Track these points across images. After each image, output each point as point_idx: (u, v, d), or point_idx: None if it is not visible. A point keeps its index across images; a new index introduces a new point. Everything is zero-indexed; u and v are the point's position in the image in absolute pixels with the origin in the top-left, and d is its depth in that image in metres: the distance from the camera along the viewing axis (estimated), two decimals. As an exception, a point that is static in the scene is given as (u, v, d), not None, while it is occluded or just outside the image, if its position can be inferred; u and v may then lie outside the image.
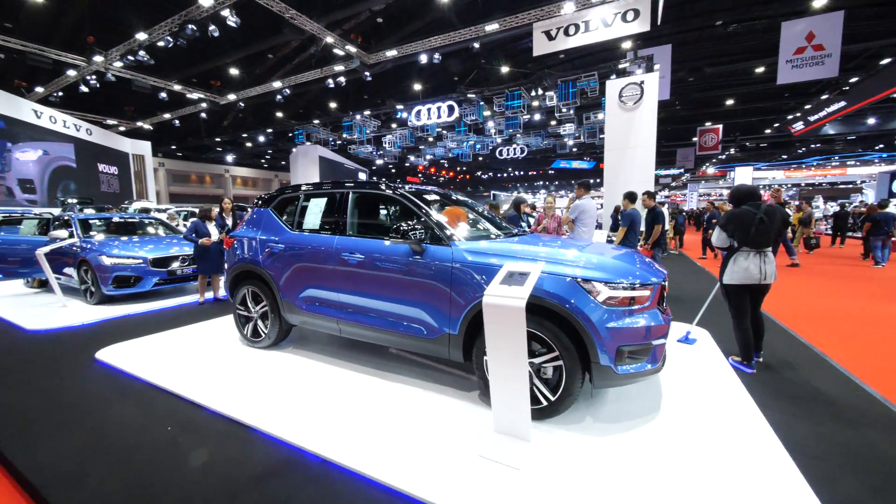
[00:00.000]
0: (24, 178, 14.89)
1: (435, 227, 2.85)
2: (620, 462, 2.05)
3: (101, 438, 2.37)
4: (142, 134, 24.19)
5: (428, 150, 29.97)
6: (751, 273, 3.17)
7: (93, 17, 13.59)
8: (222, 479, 1.99)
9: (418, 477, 1.94)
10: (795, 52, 14.56)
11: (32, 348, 3.96)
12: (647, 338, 2.33)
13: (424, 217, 2.93)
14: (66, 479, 2.00)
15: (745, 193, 3.41)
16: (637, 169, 12.01)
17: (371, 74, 18.45)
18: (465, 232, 3.06)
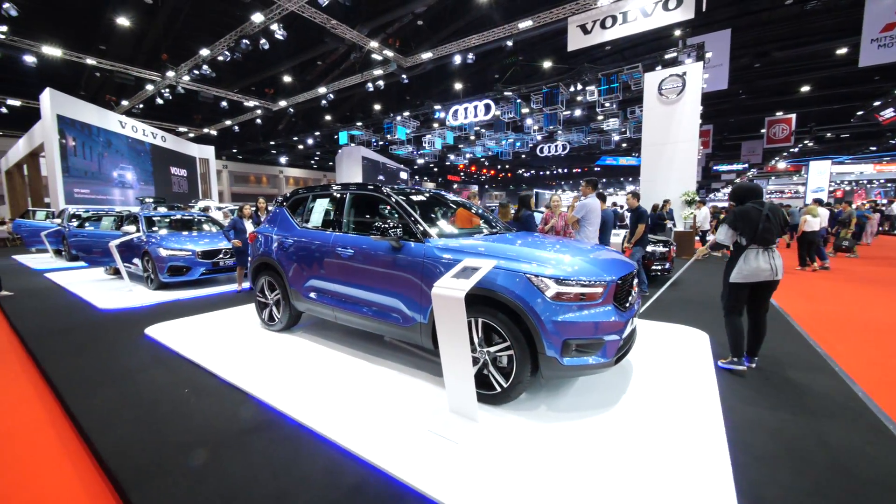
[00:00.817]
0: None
1: (412, 225, 3.12)
2: (554, 445, 2.18)
3: (134, 394, 2.92)
4: (208, 139, 26.84)
5: (467, 148, 30.15)
6: (762, 269, 3.10)
7: (167, 37, 15.38)
8: (216, 431, 2.41)
9: (370, 443, 2.22)
10: (883, 30, 12.99)
11: (100, 323, 4.78)
12: (596, 333, 2.42)
13: (405, 216, 3.20)
14: (106, 420, 2.53)
15: (747, 191, 3.32)
16: (677, 165, 11.39)
17: (410, 76, 19.08)
18: (443, 229, 3.29)
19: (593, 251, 2.98)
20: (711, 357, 3.52)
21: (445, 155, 33.24)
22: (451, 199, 4.25)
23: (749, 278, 3.15)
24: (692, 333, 4.14)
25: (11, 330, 4.64)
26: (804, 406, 2.67)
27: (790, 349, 3.79)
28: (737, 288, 3.25)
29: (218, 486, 1.94)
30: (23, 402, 2.95)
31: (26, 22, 13.45)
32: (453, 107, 20.74)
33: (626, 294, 2.73)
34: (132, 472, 2.05)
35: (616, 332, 2.48)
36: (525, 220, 5.45)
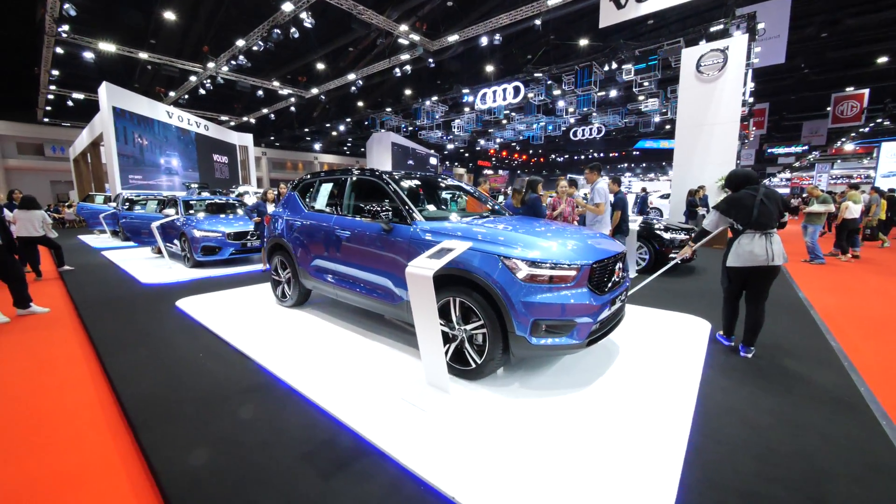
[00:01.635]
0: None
1: (402, 208, 3.25)
2: (516, 420, 2.29)
3: (158, 355, 3.32)
4: (248, 127, 28.16)
5: (498, 132, 29.67)
6: (756, 254, 3.04)
7: (208, 30, 16.18)
8: (220, 389, 2.72)
9: (346, 406, 2.43)
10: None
11: (140, 296, 5.35)
12: (566, 314, 2.47)
13: (396, 199, 3.34)
14: (131, 375, 2.92)
15: (742, 178, 3.30)
16: (715, 149, 10.69)
17: (441, 61, 18.95)
18: (431, 212, 3.41)
19: (576, 235, 2.99)
20: (706, 345, 3.44)
21: (475, 140, 32.90)
22: (450, 183, 4.32)
23: (743, 262, 3.10)
24: (694, 322, 4.03)
25: (69, 299, 5.30)
26: (792, 397, 2.59)
27: (799, 341, 3.61)
28: (732, 272, 3.24)
29: (213, 433, 2.23)
30: (71, 360, 3.43)
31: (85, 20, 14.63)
32: (481, 90, 20.43)
33: (605, 278, 2.74)
34: (146, 416, 2.39)
35: (589, 315, 2.52)
36: (532, 204, 5.41)
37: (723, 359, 3.20)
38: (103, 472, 1.99)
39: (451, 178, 4.29)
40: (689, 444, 2.08)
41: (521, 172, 51.33)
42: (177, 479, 1.87)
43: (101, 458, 2.10)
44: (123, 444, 2.21)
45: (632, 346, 3.40)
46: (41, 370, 3.21)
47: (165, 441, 2.17)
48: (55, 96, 20.57)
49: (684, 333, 3.74)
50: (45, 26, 13.69)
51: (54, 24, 13.46)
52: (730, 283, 3.32)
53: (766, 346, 3.41)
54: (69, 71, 18.20)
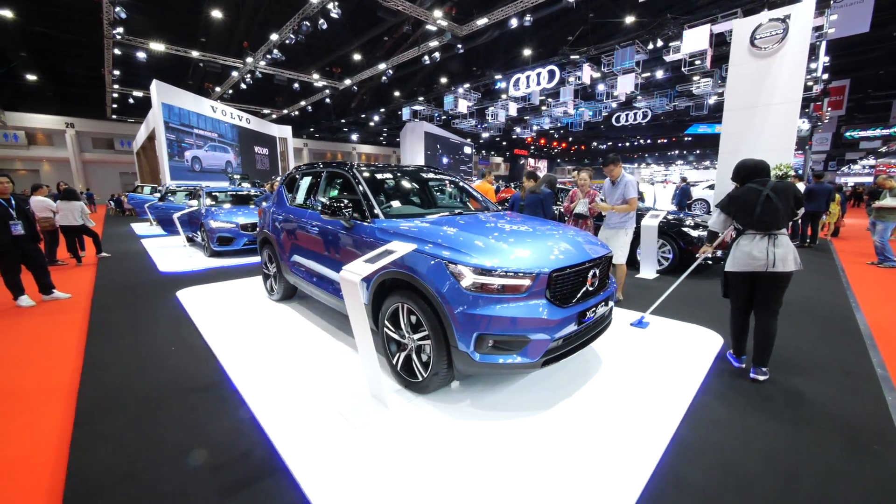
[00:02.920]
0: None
1: (364, 204, 3.06)
2: (452, 443, 2.04)
3: (138, 345, 3.42)
4: (289, 120, 29.24)
5: (534, 120, 28.52)
6: (754, 258, 2.64)
7: (248, 25, 16.77)
8: (171, 385, 2.72)
9: (278, 416, 2.32)
10: None
11: (155, 283, 5.64)
12: (516, 329, 2.17)
13: (360, 194, 3.15)
14: (108, 362, 3.02)
15: (750, 169, 2.83)
16: (770, 133, 9.44)
17: (475, 47, 18.39)
18: (394, 209, 3.19)
19: (546, 237, 2.64)
20: (710, 365, 2.97)
21: (511, 128, 31.89)
22: (432, 176, 4.02)
23: (739, 266, 2.71)
24: (704, 336, 3.52)
25: (93, 285, 5.71)
26: (801, 436, 2.12)
27: (834, 363, 3.01)
28: (730, 278, 2.86)
29: (142, 432, 2.21)
30: (64, 345, 3.60)
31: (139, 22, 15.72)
32: (514, 75, 19.61)
33: (572, 287, 2.39)
34: (95, 407, 2.43)
35: (545, 331, 2.20)
36: (544, 198, 4.99)
37: (726, 382, 2.74)
38: (31, 464, 2.02)
39: (434, 172, 4.01)
40: (645, 492, 1.74)
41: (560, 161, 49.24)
42: (83, 481, 1.85)
43: (37, 449, 2.14)
44: (64, 436, 2.25)
45: (617, 362, 3.01)
46: (32, 353, 3.41)
47: (96, 437, 2.18)
48: (119, 95, 22.45)
49: (687, 348, 3.26)
50: (104, 29, 14.85)
51: (110, 27, 14.53)
52: (728, 290, 2.91)
53: (787, 366, 2.89)
54: (129, 70, 19.74)
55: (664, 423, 2.22)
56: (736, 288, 2.87)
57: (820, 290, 5.02)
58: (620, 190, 4.46)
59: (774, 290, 2.68)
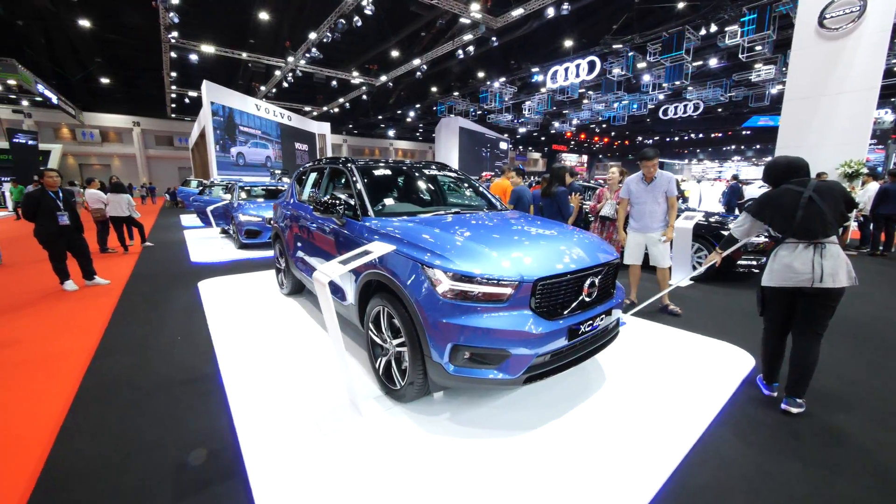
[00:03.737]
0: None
1: (356, 201, 2.97)
2: (423, 464, 1.90)
3: (151, 334, 3.57)
4: (329, 116, 30.14)
5: (573, 113, 27.40)
6: (796, 271, 2.25)
7: (290, 25, 17.38)
8: (165, 375, 2.79)
9: (253, 417, 2.29)
10: None
11: (184, 273, 5.95)
12: (495, 341, 1.98)
13: (354, 191, 3.07)
14: (117, 349, 3.18)
15: (784, 168, 2.43)
16: (839, 125, 8.35)
17: (509, 40, 17.92)
18: (386, 207, 3.08)
19: (543, 239, 2.41)
20: (735, 390, 2.60)
21: (549, 122, 30.90)
22: (433, 173, 3.83)
23: (777, 281, 2.32)
24: (733, 355, 3.12)
25: (130, 272, 6.12)
26: (834, 488, 1.78)
27: (895, 398, 2.54)
28: (767, 294, 2.46)
29: (126, 424, 2.26)
30: (87, 329, 3.85)
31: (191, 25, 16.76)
32: (552, 67, 18.88)
33: (563, 298, 2.16)
34: (91, 395, 2.54)
35: (527, 345, 2.00)
36: (559, 196, 4.69)
37: (751, 411, 2.38)
38: (17, 444, 2.12)
39: (437, 168, 3.84)
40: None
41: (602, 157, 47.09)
42: (57, 469, 1.91)
43: (27, 430, 2.25)
44: (58, 420, 2.36)
45: (624, 380, 2.72)
46: (60, 335, 3.65)
47: (85, 424, 2.27)
48: (176, 95, 24.19)
49: (709, 368, 2.89)
50: (161, 34, 15.98)
51: (166, 32, 15.60)
52: (765, 308, 2.52)
53: (829, 399, 2.48)
54: (185, 72, 21.18)
55: (663, 461, 1.94)
56: (773, 305, 2.47)
57: (890, 310, 4.33)
58: (663, 187, 3.91)
59: (820, 309, 2.28)
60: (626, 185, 4.15)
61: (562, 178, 4.81)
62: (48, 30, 18.87)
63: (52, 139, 27.23)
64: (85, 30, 17.59)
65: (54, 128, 27.65)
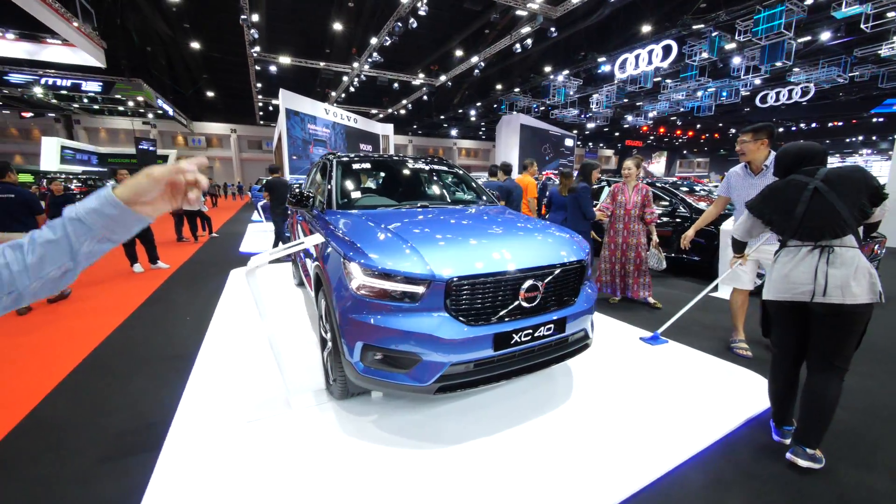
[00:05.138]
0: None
1: (326, 194, 2.98)
2: (319, 465, 1.81)
3: (170, 311, 4.02)
4: (394, 118, 31.37)
5: (649, 105, 24.97)
6: (793, 281, 1.81)
7: (359, 33, 18.42)
8: (158, 351, 3.09)
9: (198, 399, 2.41)
10: None
11: (229, 261, 6.60)
12: (405, 344, 1.82)
13: (326, 184, 3.09)
14: (137, 325, 3.62)
15: (794, 157, 1.94)
16: None
17: (574, 31, 16.97)
18: (362, 200, 3.04)
19: (486, 235, 2.18)
20: (736, 425, 2.11)
21: (621, 116, 28.59)
22: (423, 167, 3.70)
23: (775, 293, 1.90)
24: (746, 382, 2.55)
25: (187, 259, 6.95)
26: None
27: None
28: (770, 309, 1.99)
29: (106, 390, 2.54)
30: (127, 305, 4.43)
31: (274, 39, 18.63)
32: (621, 56, 17.40)
33: (491, 301, 1.92)
34: (97, 364, 2.90)
35: (439, 351, 1.81)
36: (579, 193, 4.19)
37: (747, 460, 1.91)
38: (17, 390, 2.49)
39: (425, 162, 3.71)
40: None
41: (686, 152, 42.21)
42: (35, 419, 2.20)
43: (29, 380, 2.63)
44: (57, 379, 2.72)
45: (603, 398, 2.36)
46: (106, 309, 4.24)
47: (75, 386, 2.59)
48: (262, 103, 27.09)
49: (709, 398, 2.38)
50: (246, 49, 18.00)
51: (250, 47, 17.52)
52: (772, 327, 2.01)
53: (859, 452, 1.88)
54: (269, 82, 23.65)
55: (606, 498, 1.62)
56: (778, 325, 1.97)
57: None
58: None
59: (833, 333, 1.75)
60: (726, 179, 3.08)
61: (588, 175, 4.35)
62: (168, 53, 22.41)
63: (170, 145, 32.33)
64: (195, 51, 20.52)
65: (172, 135, 32.72)
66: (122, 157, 27.97)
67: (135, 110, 25.97)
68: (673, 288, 4.95)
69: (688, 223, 5.31)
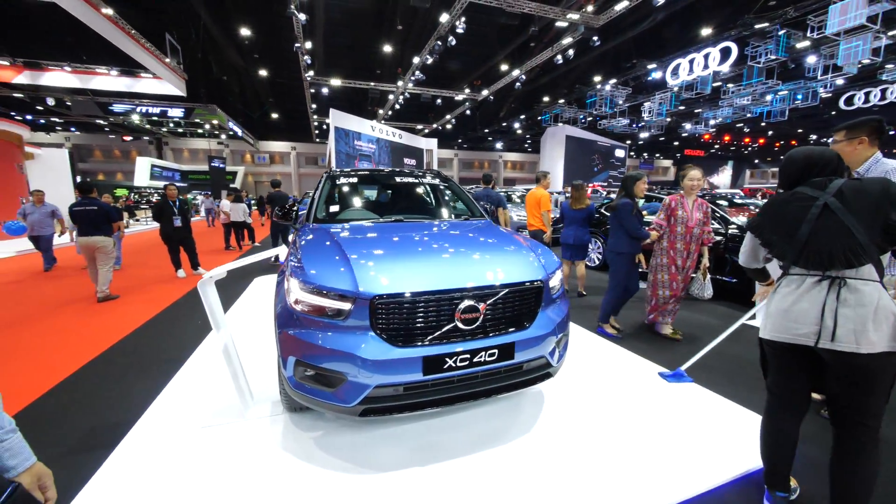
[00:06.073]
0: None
1: (311, 207, 3.06)
2: (239, 473, 1.81)
3: (190, 315, 4.32)
4: (438, 133, 32.08)
5: (709, 112, 23.09)
6: (794, 319, 1.49)
7: (405, 52, 19.25)
8: (157, 354, 3.32)
9: (165, 405, 2.54)
10: None
11: (262, 269, 7.01)
12: (330, 362, 1.76)
13: (314, 197, 3.17)
14: (158, 326, 3.94)
15: (801, 165, 1.60)
16: None
17: (623, 37, 16.36)
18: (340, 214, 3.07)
19: (435, 250, 2.08)
20: (721, 482, 1.78)
21: (677, 124, 26.75)
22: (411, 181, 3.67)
23: (771, 332, 1.57)
24: (749, 427, 2.14)
25: (226, 266, 7.50)
26: None
27: None
28: (767, 349, 1.65)
29: (103, 385, 2.77)
30: (154, 305, 4.85)
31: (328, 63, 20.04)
32: (674, 61, 16.39)
33: (425, 323, 1.81)
34: (105, 356, 3.19)
35: (362, 371, 1.74)
36: (619, 211, 3.58)
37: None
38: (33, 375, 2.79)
39: (415, 176, 3.67)
40: None
41: (758, 161, 38.19)
42: (41, 404, 2.45)
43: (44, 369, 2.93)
44: (70, 370, 3.02)
45: (566, 433, 2.12)
46: (140, 309, 4.69)
47: (84, 378, 2.86)
48: (317, 122, 29.08)
49: (698, 444, 2.03)
50: (301, 73, 19.52)
51: (303, 71, 18.97)
52: (769, 371, 1.68)
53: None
54: (322, 103, 25.39)
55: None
56: (775, 369, 1.64)
57: None
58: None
59: (850, 388, 1.41)
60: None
61: (630, 188, 3.65)
62: (240, 80, 24.98)
63: (239, 162, 35.71)
64: (262, 78, 22.67)
65: (241, 154, 36.15)
66: (199, 173, 31.46)
67: (210, 132, 29.16)
68: (702, 313, 4.41)
69: (722, 241, 4.74)
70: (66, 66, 16.39)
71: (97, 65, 16.48)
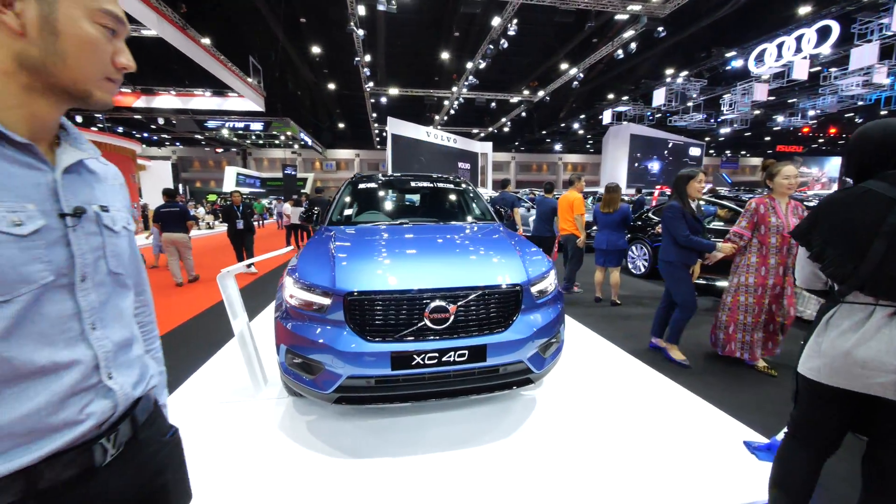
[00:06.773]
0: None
1: (329, 210, 3.30)
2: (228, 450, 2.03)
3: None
4: (494, 136, 31.96)
5: (808, 102, 20.11)
6: (862, 363, 1.16)
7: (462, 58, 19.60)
8: (185, 343, 3.81)
9: (200, 381, 2.90)
10: None
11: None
12: (310, 351, 1.92)
13: (334, 200, 3.41)
14: (188, 311, 4.52)
15: (876, 146, 1.21)
16: None
17: (696, 26, 15.01)
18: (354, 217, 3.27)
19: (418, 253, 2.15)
20: None
21: (767, 117, 23.68)
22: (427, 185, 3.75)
23: (827, 376, 1.24)
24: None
25: (277, 266, 8.26)
26: None
27: None
28: (808, 389, 1.33)
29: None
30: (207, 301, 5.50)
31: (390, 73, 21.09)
32: (759, 46, 14.65)
33: (396, 320, 1.89)
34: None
35: (336, 362, 1.87)
36: (663, 215, 3.14)
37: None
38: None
39: (431, 181, 3.75)
40: None
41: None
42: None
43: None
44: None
45: (552, 440, 2.07)
46: (197, 301, 5.36)
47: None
48: (378, 130, 30.62)
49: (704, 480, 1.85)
50: (362, 84, 20.75)
51: (364, 83, 20.14)
52: (803, 412, 1.38)
53: None
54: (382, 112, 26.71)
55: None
56: (810, 405, 1.35)
57: None
58: None
59: None
60: None
61: (682, 190, 3.11)
62: (312, 94, 27.29)
63: (310, 169, 38.85)
64: (330, 91, 24.58)
65: (311, 161, 39.27)
66: (274, 180, 34.83)
67: (285, 143, 32.15)
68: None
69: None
70: (171, 90, 19.27)
71: (195, 87, 19.15)
